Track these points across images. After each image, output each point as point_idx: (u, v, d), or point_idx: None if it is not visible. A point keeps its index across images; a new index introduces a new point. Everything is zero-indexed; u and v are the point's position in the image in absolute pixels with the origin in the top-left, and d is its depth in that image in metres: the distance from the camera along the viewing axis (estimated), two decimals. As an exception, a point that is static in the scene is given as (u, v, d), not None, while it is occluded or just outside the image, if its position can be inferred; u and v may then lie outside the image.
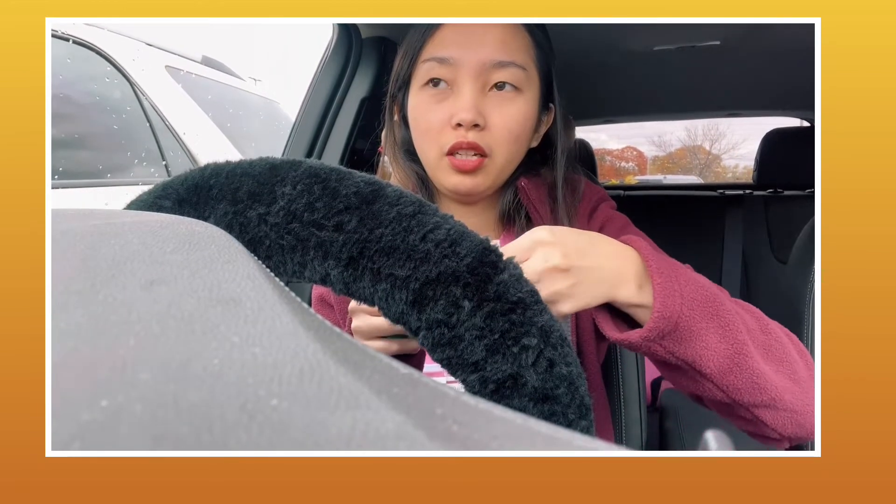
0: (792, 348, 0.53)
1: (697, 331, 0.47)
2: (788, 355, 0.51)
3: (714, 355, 0.47)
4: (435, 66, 0.63)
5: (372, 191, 0.29)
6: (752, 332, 0.50)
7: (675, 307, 0.46)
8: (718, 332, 0.48)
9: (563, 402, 0.29)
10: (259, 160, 0.31)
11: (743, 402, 0.49)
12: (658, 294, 0.46)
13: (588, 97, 1.73)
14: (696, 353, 0.47)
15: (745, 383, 0.48)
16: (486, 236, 0.30)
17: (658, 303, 0.46)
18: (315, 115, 1.06)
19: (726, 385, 0.48)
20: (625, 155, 21.30)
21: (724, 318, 0.48)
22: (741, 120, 2.15)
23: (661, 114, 2.12)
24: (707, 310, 0.48)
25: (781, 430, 0.50)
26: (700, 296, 0.48)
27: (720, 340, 0.48)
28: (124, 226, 0.22)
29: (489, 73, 0.62)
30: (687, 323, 0.47)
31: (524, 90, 0.64)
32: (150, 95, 2.17)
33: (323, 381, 0.13)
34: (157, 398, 0.12)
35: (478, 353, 0.28)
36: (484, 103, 0.63)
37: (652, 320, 0.46)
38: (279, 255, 0.30)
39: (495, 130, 0.63)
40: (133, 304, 0.16)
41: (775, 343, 0.51)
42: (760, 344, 0.50)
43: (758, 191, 1.99)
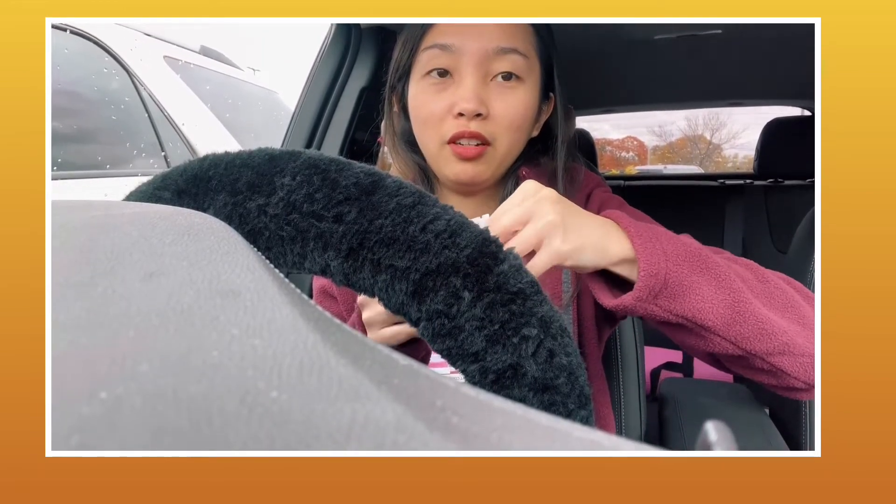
0: (794, 293, 0.52)
1: (689, 284, 0.48)
2: (792, 300, 0.51)
3: (712, 307, 0.48)
4: (437, 54, 0.62)
5: (371, 182, 0.29)
6: (748, 281, 0.51)
7: (659, 264, 0.47)
8: (712, 283, 0.48)
9: (562, 391, 0.29)
10: (258, 151, 0.31)
11: (755, 352, 0.49)
12: (640, 254, 0.47)
13: (588, 86, 1.72)
14: (694, 306, 0.48)
15: (751, 331, 0.48)
16: (484, 215, 0.30)
17: (642, 262, 0.47)
18: (314, 106, 1.05)
19: (734, 336, 0.48)
20: (625, 145, 21.25)
21: (715, 269, 0.49)
22: (742, 109, 2.14)
23: (662, 103, 2.11)
24: (694, 263, 0.48)
25: (804, 377, 0.50)
26: (684, 251, 0.49)
27: (716, 291, 0.48)
28: (123, 217, 0.22)
29: (491, 60, 0.62)
30: (676, 278, 0.47)
31: (526, 79, 0.64)
32: (149, 86, 2.16)
33: (323, 372, 0.13)
34: (156, 391, 0.12)
35: (478, 344, 0.28)
36: (486, 92, 0.62)
37: (640, 279, 0.47)
38: (279, 246, 0.30)
39: (498, 119, 0.63)
40: (132, 297, 0.16)
41: (775, 290, 0.51)
42: (760, 292, 0.50)
43: (758, 180, 1.98)
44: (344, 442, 0.11)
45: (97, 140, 2.02)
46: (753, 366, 0.51)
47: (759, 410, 0.97)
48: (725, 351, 0.50)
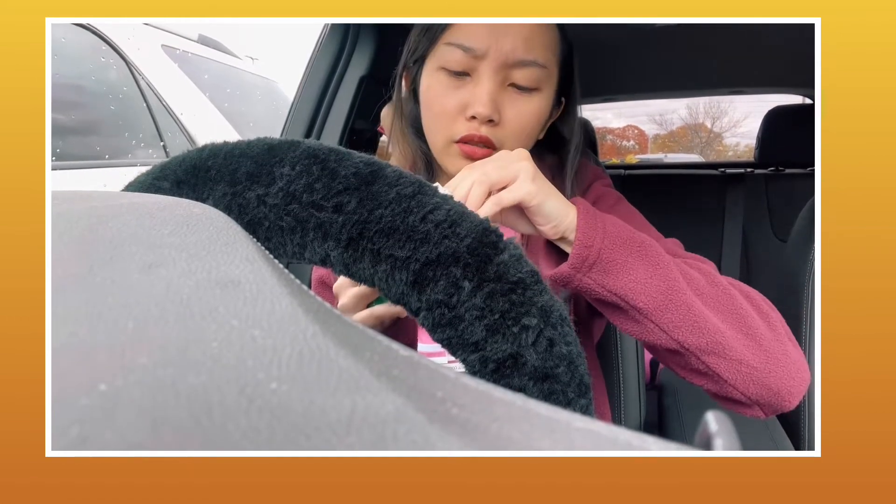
0: (747, 305, 0.53)
1: (622, 262, 0.50)
2: (740, 309, 0.52)
3: (644, 289, 0.50)
4: (458, 53, 0.61)
5: (371, 171, 0.29)
6: (693, 279, 0.52)
7: (595, 239, 0.50)
8: (648, 268, 0.50)
9: (562, 380, 0.29)
10: (257, 140, 0.31)
11: (689, 346, 0.50)
12: (580, 227, 0.51)
13: (589, 75, 1.71)
14: (626, 285, 0.50)
15: (682, 321, 0.49)
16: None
17: (580, 233, 0.50)
18: (313, 95, 1.05)
19: (665, 323, 0.50)
20: (626, 133, 21.18)
21: (654, 258, 0.51)
22: (744, 98, 2.13)
23: (663, 92, 2.10)
24: (631, 248, 0.51)
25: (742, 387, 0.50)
26: (625, 236, 0.51)
27: (650, 276, 0.50)
28: (122, 208, 0.22)
29: (510, 69, 0.61)
30: (610, 255, 0.50)
31: (542, 89, 0.63)
32: (147, 76, 2.15)
33: (322, 364, 0.13)
34: (155, 382, 0.12)
35: (478, 334, 0.28)
36: (501, 98, 0.62)
37: (574, 248, 0.50)
38: (279, 236, 0.30)
39: (508, 126, 0.62)
40: (131, 288, 0.16)
41: (723, 295, 0.52)
42: (703, 292, 0.52)
43: (759, 169, 1.97)
44: (344, 433, 0.11)
45: (96, 130, 2.01)
46: (689, 364, 0.52)
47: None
48: (660, 340, 0.51)
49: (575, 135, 0.71)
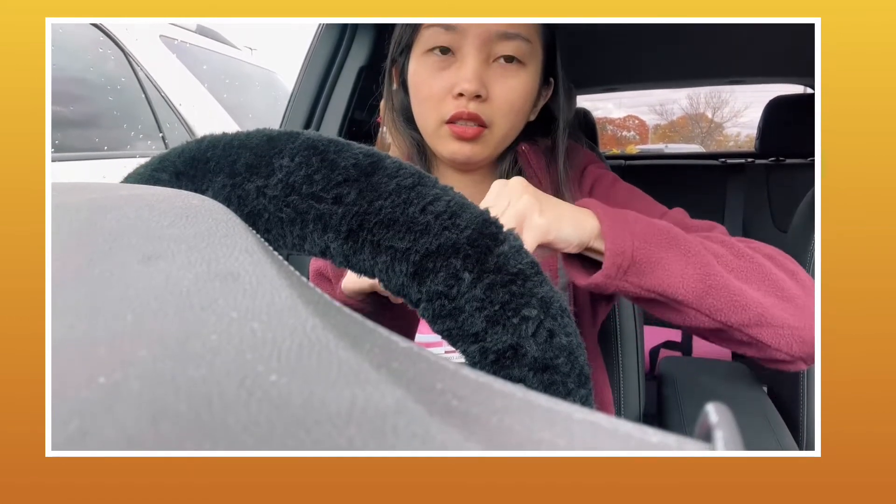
0: (774, 268, 0.53)
1: (657, 260, 0.49)
2: (770, 274, 0.52)
3: (682, 281, 0.49)
4: (440, 33, 0.62)
5: (371, 163, 0.29)
6: (722, 256, 0.52)
7: (626, 243, 0.49)
8: (680, 258, 0.50)
9: (562, 371, 0.29)
10: (256, 132, 0.31)
11: (732, 324, 0.50)
12: (608, 235, 0.49)
13: (590, 65, 1.70)
14: (664, 281, 0.49)
15: (723, 303, 0.49)
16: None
17: (609, 241, 0.49)
18: (312, 86, 1.04)
19: (707, 308, 0.50)
20: (626, 124, 21.12)
21: (684, 245, 0.50)
22: (745, 87, 2.12)
23: (665, 81, 2.09)
24: (662, 240, 0.50)
25: (787, 349, 0.51)
26: (652, 230, 0.50)
27: (685, 266, 0.49)
28: (120, 199, 0.22)
29: (494, 43, 0.61)
30: (643, 255, 0.49)
31: (528, 63, 0.63)
32: (146, 66, 2.14)
33: (322, 356, 0.13)
34: (155, 375, 0.12)
35: (478, 325, 0.28)
36: (487, 74, 0.62)
37: (606, 258, 0.49)
38: (278, 227, 0.30)
39: (496, 102, 0.62)
40: (130, 280, 0.16)
41: (750, 265, 0.52)
42: (734, 267, 0.52)
43: (760, 159, 1.97)
44: (344, 426, 0.11)
45: (95, 122, 2.00)
46: (734, 338, 0.52)
47: (757, 388, 0.98)
48: (703, 324, 0.51)
49: (562, 111, 0.71)
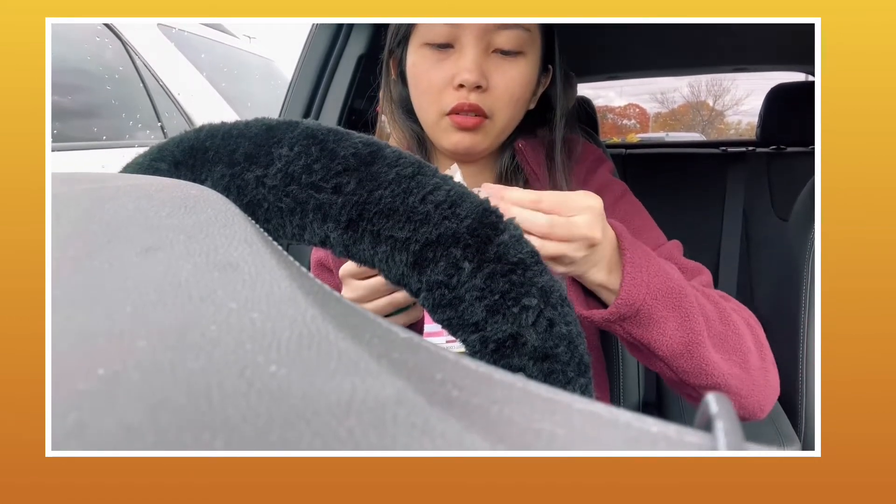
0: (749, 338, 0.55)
1: (657, 319, 0.50)
2: (742, 345, 0.54)
3: (669, 342, 0.50)
4: (439, 25, 0.61)
5: (370, 152, 0.29)
6: (711, 321, 0.53)
7: (639, 296, 0.49)
8: (677, 321, 0.51)
9: (562, 360, 0.29)
10: (255, 121, 0.31)
11: (690, 383, 0.52)
12: (626, 282, 0.49)
13: (592, 53, 1.69)
14: (653, 338, 0.50)
15: (693, 368, 0.51)
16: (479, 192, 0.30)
17: (624, 291, 0.49)
18: (311, 74, 1.04)
19: (676, 367, 0.52)
20: (627, 112, 21.04)
21: (685, 309, 0.51)
22: (746, 75, 2.11)
23: (666, 69, 2.08)
24: (669, 301, 0.50)
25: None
26: (666, 287, 0.51)
27: (677, 329, 0.50)
28: (119, 189, 0.21)
29: (493, 33, 0.61)
30: (648, 311, 0.50)
31: (527, 52, 0.63)
32: (144, 55, 2.12)
33: (322, 346, 0.13)
34: (154, 366, 0.12)
35: (478, 314, 0.28)
36: (486, 64, 0.61)
37: (615, 305, 0.50)
38: (278, 217, 0.30)
39: (497, 92, 0.62)
40: (129, 271, 0.16)
41: (732, 333, 0.54)
42: (716, 334, 0.53)
43: (761, 147, 1.96)
44: (343, 416, 0.11)
45: (94, 112, 1.99)
46: (683, 390, 0.56)
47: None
48: (664, 374, 0.54)
49: (559, 99, 0.70)
